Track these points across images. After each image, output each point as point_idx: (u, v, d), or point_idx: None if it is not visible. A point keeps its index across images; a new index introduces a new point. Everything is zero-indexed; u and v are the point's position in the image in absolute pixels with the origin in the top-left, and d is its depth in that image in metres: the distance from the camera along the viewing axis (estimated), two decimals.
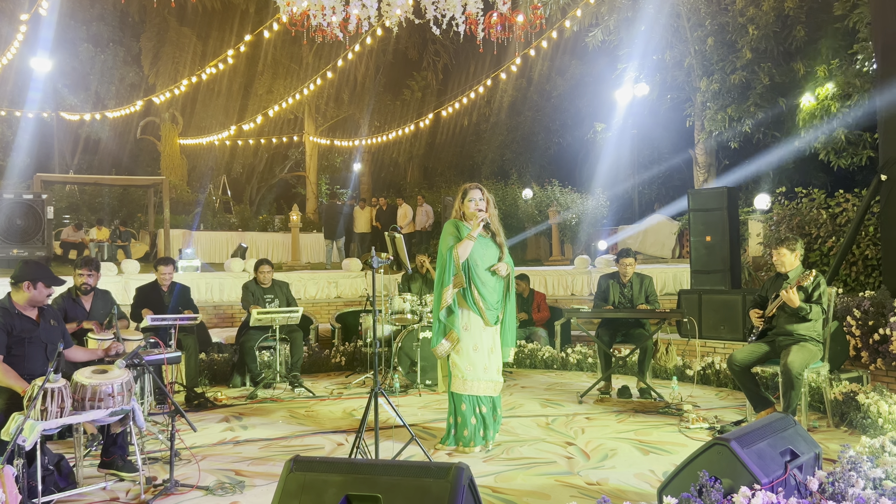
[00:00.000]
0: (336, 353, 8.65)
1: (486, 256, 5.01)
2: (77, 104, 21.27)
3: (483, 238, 5.02)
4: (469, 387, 4.94)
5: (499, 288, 5.04)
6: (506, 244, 5.15)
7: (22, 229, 10.76)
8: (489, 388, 4.97)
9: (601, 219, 18.50)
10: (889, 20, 7.12)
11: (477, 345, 4.95)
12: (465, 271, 4.94)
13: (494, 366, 5.01)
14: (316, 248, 19.12)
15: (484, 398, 4.96)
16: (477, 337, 4.96)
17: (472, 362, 4.93)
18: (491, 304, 4.97)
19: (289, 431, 5.55)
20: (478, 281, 4.93)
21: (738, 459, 2.99)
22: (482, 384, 4.95)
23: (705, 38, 13.18)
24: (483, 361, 4.96)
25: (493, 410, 5.02)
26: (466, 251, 4.91)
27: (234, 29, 22.00)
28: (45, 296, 4.41)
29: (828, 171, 13.79)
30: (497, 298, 5.03)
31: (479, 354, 4.95)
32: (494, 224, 5.07)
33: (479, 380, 4.94)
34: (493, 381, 4.99)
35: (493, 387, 5.00)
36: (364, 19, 6.56)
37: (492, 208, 5.07)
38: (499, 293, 5.05)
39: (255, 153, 25.64)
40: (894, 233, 7.02)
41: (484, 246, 5.01)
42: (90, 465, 4.50)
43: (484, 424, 4.97)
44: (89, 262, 5.98)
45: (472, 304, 4.94)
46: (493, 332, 5.04)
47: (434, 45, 24.22)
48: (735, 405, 6.23)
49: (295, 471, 2.73)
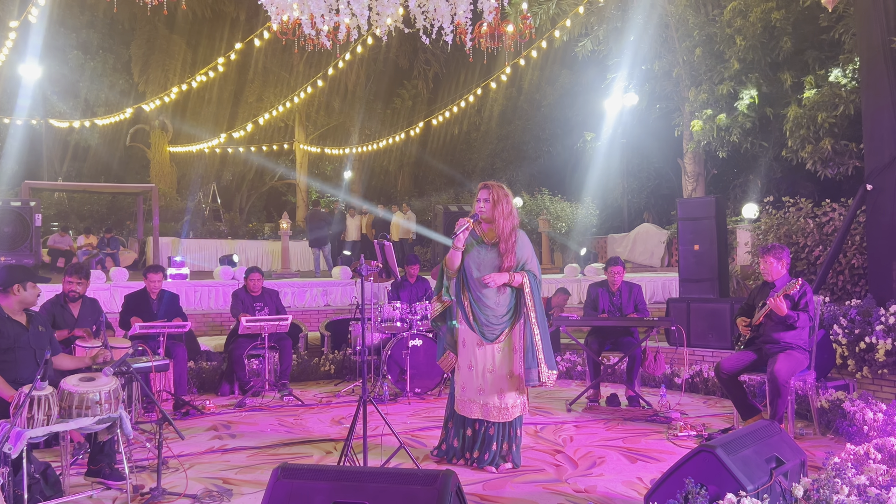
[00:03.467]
0: (325, 362, 8.63)
1: (483, 265, 4.57)
2: (66, 111, 21.21)
3: (483, 245, 4.60)
4: (459, 406, 4.63)
5: (504, 301, 4.56)
6: (524, 250, 4.60)
7: (10, 236, 10.69)
8: (482, 413, 4.55)
9: (590, 227, 18.56)
10: (874, 32, 7.21)
11: (472, 363, 4.59)
12: (460, 281, 4.62)
13: (494, 388, 4.52)
14: (306, 256, 19.07)
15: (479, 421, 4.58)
16: (471, 354, 4.59)
17: (465, 381, 4.61)
18: (489, 319, 4.53)
19: (277, 440, 5.53)
20: (471, 292, 4.56)
21: (723, 466, 3.02)
22: (474, 406, 4.57)
23: (693, 49, 13.29)
24: (477, 382, 4.56)
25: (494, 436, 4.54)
26: (453, 260, 4.57)
27: (225, 37, 22.04)
28: (35, 296, 4.41)
29: (815, 180, 13.90)
30: (502, 312, 4.54)
31: (472, 374, 4.58)
32: (499, 227, 4.54)
33: (472, 401, 4.57)
34: (487, 406, 4.53)
35: (488, 412, 4.53)
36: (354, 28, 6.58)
37: (502, 207, 4.53)
38: (505, 306, 4.56)
39: (246, 161, 25.61)
40: (880, 242, 7.08)
41: (482, 253, 4.59)
42: (77, 473, 4.47)
43: (480, 446, 4.58)
44: (79, 269, 5.98)
45: (465, 318, 4.59)
46: (492, 351, 4.55)
47: (424, 55, 24.30)
48: (723, 413, 6.26)
49: (282, 478, 2.73)
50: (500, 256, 4.55)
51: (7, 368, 4.19)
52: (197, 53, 22.69)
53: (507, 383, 4.55)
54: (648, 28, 13.54)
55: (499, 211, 4.54)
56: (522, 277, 4.55)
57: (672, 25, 13.57)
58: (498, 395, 4.53)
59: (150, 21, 21.75)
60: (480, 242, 4.63)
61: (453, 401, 4.73)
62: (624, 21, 13.83)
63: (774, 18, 12.03)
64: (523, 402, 4.63)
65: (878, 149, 7.19)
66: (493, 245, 4.59)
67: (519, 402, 4.60)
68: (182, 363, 6.81)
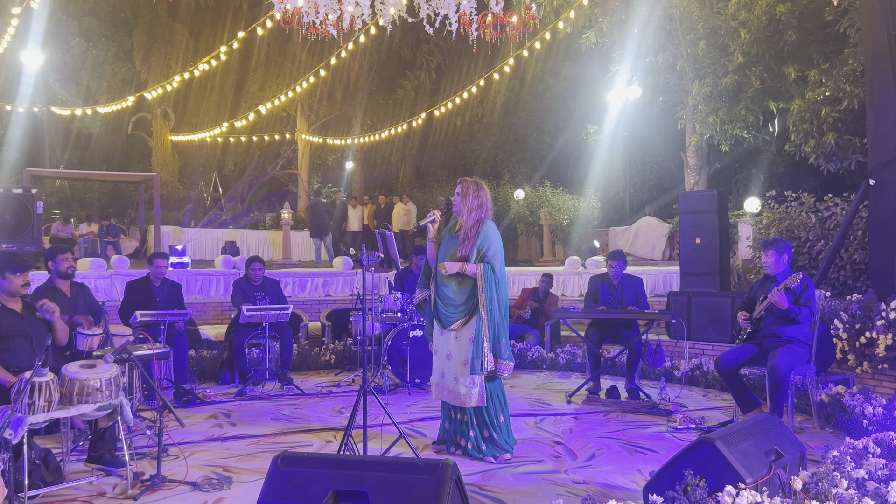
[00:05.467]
0: (326, 351, 8.65)
1: (445, 254, 4.77)
2: (68, 99, 21.15)
3: (452, 237, 4.79)
4: (434, 390, 4.87)
5: (462, 290, 4.66)
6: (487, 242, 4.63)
7: (11, 224, 10.70)
8: (448, 396, 4.71)
9: (592, 220, 18.55)
10: (879, 26, 7.18)
11: (437, 348, 4.81)
12: (428, 271, 4.95)
13: (451, 373, 4.67)
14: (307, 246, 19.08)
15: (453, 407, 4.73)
16: (437, 340, 4.82)
17: (434, 366, 4.84)
18: (446, 307, 4.70)
19: (277, 429, 5.54)
20: (437, 281, 4.78)
21: (723, 459, 3.02)
22: (443, 391, 4.75)
23: (697, 42, 13.24)
24: (440, 366, 4.78)
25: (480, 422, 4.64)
26: (429, 251, 4.90)
27: (227, 25, 21.96)
28: (20, 285, 4.37)
29: (817, 175, 13.88)
30: (457, 301, 4.66)
31: (437, 358, 4.81)
32: (463, 218, 4.71)
33: (439, 384, 4.79)
34: (450, 390, 4.68)
35: (452, 396, 4.67)
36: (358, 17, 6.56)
37: (469, 200, 4.67)
38: (462, 295, 4.66)
39: (247, 150, 25.56)
40: (882, 237, 7.07)
41: (447, 244, 4.80)
42: (77, 459, 4.48)
43: (461, 431, 4.72)
44: (64, 248, 5.99)
45: (430, 306, 4.88)
46: (450, 338, 4.69)
47: (427, 45, 24.23)
48: (723, 406, 6.26)
49: (282, 467, 2.73)
50: (459, 244, 4.70)
51: (3, 356, 4.19)
52: (199, 42, 22.62)
53: (460, 370, 4.63)
54: (652, 20, 13.49)
55: (466, 204, 4.70)
56: (477, 268, 4.60)
57: (676, 18, 13.51)
58: (454, 380, 4.66)
59: (152, 9, 21.70)
60: (451, 234, 4.82)
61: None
62: (628, 13, 13.78)
63: (779, 12, 11.98)
64: (480, 390, 4.61)
65: (882, 144, 7.17)
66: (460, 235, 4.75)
67: (475, 392, 4.60)
68: (183, 351, 6.81)
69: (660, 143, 18.16)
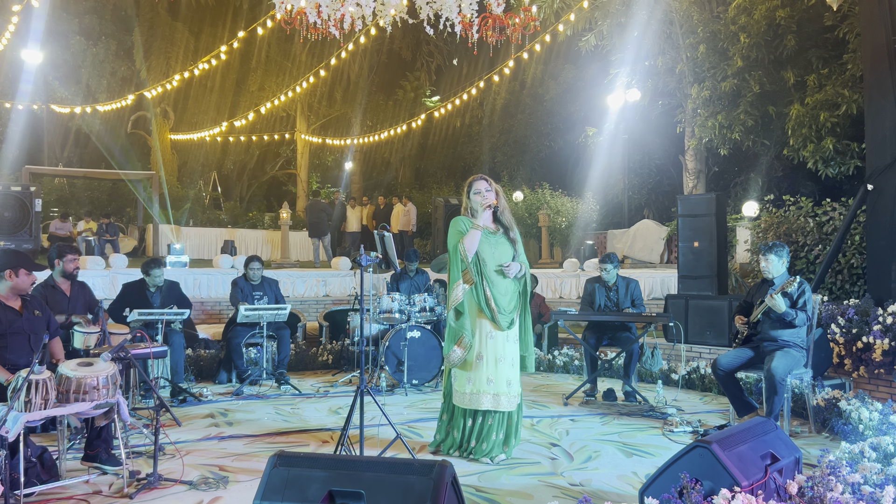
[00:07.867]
0: (323, 352, 8.65)
1: (497, 254, 4.59)
2: (68, 97, 21.13)
3: (493, 234, 4.64)
4: (469, 400, 4.56)
5: (513, 290, 4.62)
6: (520, 241, 4.74)
7: (10, 221, 10.70)
8: (493, 402, 4.55)
9: (591, 223, 18.54)
10: (878, 32, 7.19)
11: (483, 353, 4.55)
12: (475, 269, 4.56)
13: (503, 378, 4.55)
14: (306, 246, 19.10)
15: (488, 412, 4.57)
16: (484, 344, 4.56)
17: (473, 374, 4.56)
18: (503, 308, 4.55)
19: (274, 428, 5.54)
20: (488, 281, 4.53)
21: (718, 462, 3.02)
22: (486, 397, 4.54)
23: (697, 46, 13.26)
24: (486, 373, 4.54)
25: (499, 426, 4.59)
26: (473, 244, 4.53)
27: (227, 25, 21.97)
28: (29, 283, 4.41)
29: (816, 179, 13.90)
30: (512, 302, 4.60)
31: (481, 364, 4.55)
32: (507, 217, 4.68)
33: (482, 392, 4.54)
34: (498, 395, 4.54)
35: (498, 400, 4.55)
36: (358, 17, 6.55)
37: (503, 201, 4.68)
38: (513, 296, 4.62)
39: (247, 150, 25.57)
40: (880, 242, 7.08)
41: (494, 243, 4.61)
42: (73, 458, 4.48)
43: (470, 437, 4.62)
44: (73, 248, 6.05)
45: (484, 307, 4.55)
46: (503, 339, 4.58)
47: (427, 47, 24.23)
48: (719, 409, 6.27)
49: (279, 466, 2.74)
50: (512, 245, 4.69)
51: (1, 353, 4.19)
52: (199, 41, 22.61)
53: (512, 373, 4.64)
54: (652, 24, 13.50)
55: (500, 202, 4.71)
56: (525, 268, 4.71)
57: (676, 22, 13.53)
58: (507, 384, 4.60)
59: (153, 8, 21.71)
60: (490, 232, 4.68)
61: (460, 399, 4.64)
62: (628, 17, 13.79)
63: (779, 16, 12.01)
64: (518, 391, 4.72)
65: (880, 149, 7.18)
66: (503, 234, 4.69)
67: (515, 393, 4.68)
68: (180, 350, 6.81)
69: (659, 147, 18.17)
